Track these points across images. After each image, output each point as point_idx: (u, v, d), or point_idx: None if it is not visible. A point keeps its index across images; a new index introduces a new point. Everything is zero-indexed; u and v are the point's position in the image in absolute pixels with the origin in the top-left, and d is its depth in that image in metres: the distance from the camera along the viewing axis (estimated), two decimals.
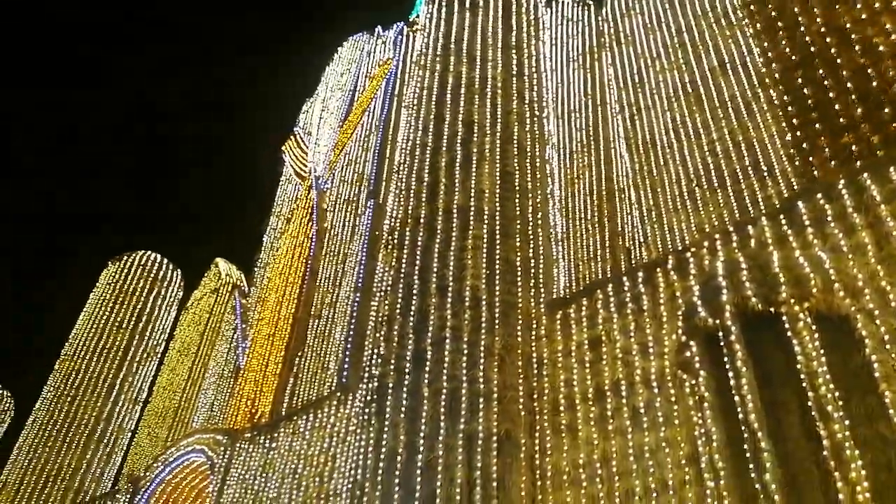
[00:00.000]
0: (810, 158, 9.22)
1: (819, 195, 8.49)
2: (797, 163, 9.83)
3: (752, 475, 6.56)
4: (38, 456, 21.58)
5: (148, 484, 18.01)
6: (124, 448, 24.07)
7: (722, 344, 7.41)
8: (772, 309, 7.33)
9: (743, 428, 6.84)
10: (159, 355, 26.52)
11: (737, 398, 6.95)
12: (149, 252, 27.65)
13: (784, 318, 7.10)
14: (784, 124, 10.08)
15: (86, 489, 21.24)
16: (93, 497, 20.50)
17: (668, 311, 9.25)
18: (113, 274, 26.63)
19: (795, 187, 11.20)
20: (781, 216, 8.64)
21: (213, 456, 16.50)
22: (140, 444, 26.30)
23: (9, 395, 29.29)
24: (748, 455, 6.69)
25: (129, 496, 18.31)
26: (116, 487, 20.56)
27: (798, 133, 9.52)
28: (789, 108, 9.51)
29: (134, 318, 25.42)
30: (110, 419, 23.11)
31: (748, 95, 13.44)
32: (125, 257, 27.18)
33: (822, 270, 7.43)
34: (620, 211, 15.75)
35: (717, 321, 7.55)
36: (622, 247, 15.02)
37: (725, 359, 7.29)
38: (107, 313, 25.28)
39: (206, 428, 18.84)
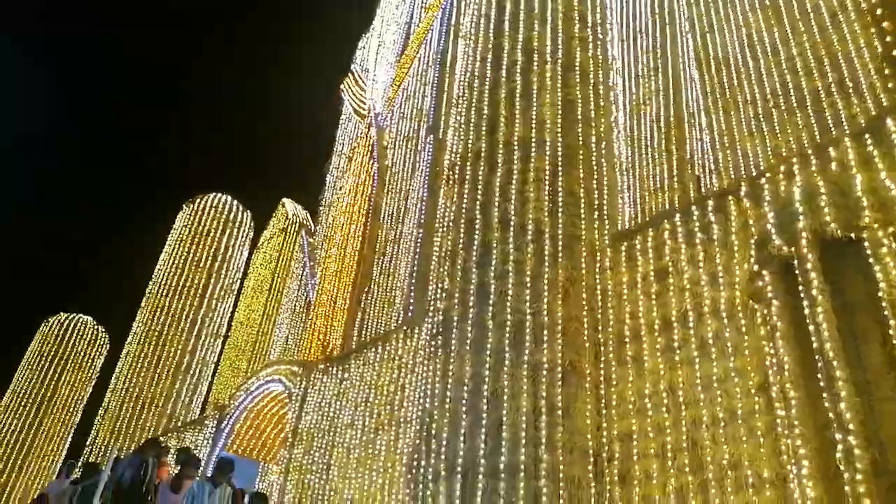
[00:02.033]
0: None
1: None
2: (887, 75, 9.05)
3: (827, 404, 6.42)
4: (134, 385, 23.43)
5: (232, 411, 19.32)
6: (208, 379, 25.77)
7: (797, 272, 7.13)
8: (852, 235, 6.96)
9: (817, 357, 6.65)
10: (235, 293, 27.88)
11: (812, 327, 6.73)
12: (219, 194, 28.67)
13: (865, 244, 6.74)
14: (873, 32, 9.25)
15: (177, 415, 23.02)
16: (184, 422, 22.19)
17: (739, 240, 8.93)
18: (188, 216, 27.86)
19: (884, 104, 10.38)
20: (867, 135, 8.06)
21: (290, 385, 17.47)
22: (222, 375, 28.07)
23: (103, 331, 31.63)
24: (822, 384, 6.53)
25: (215, 421, 19.73)
26: (204, 414, 22.16)
27: (888, 40, 8.72)
28: (878, 12, 8.68)
29: (210, 258, 26.68)
30: (195, 352, 24.70)
31: (833, 3, 12.34)
32: (198, 199, 28.31)
33: None
34: (690, 137, 15.05)
35: (793, 249, 7.25)
36: (691, 175, 14.43)
37: (800, 287, 7.03)
38: (185, 253, 26.63)
39: (282, 360, 19.89)
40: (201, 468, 10.58)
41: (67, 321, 30.66)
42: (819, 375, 6.64)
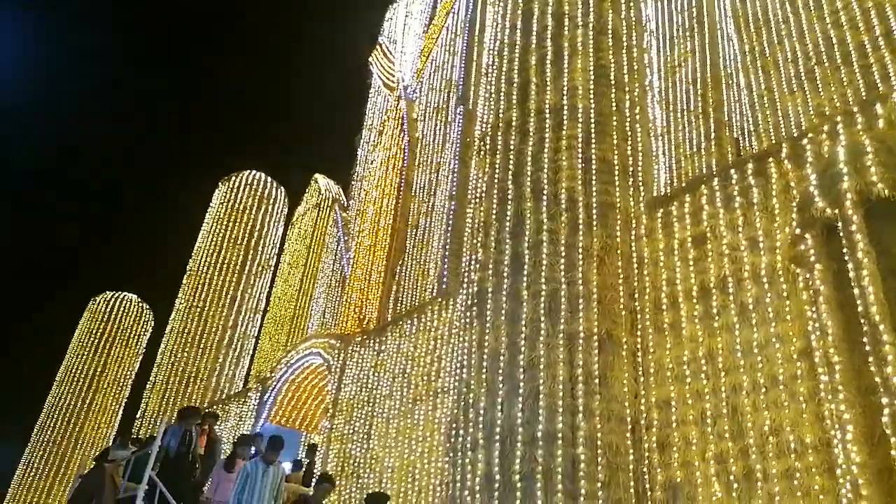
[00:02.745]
0: None
1: None
2: None
3: (872, 369, 6.29)
4: (178, 360, 24.20)
5: (274, 383, 19.84)
6: (250, 353, 26.44)
7: (841, 235, 6.94)
8: None
9: (862, 321, 6.50)
10: (272, 268, 28.40)
11: (856, 290, 6.57)
12: (254, 172, 29.05)
13: None
14: None
15: (221, 388, 23.74)
16: (228, 395, 22.88)
17: (780, 203, 8.70)
18: (224, 193, 28.33)
19: None
20: None
21: (328, 358, 17.83)
22: (263, 350, 28.73)
23: (148, 307, 32.63)
24: (867, 349, 6.39)
25: (258, 394, 20.29)
26: (248, 387, 22.78)
27: None
28: None
29: (247, 234, 27.17)
30: (236, 327, 25.34)
31: None
32: (234, 177, 28.74)
33: None
34: (727, 98, 14.61)
35: (837, 211, 7.05)
36: (729, 138, 14.04)
37: (845, 250, 6.84)
38: (223, 230, 27.17)
39: (320, 333, 20.26)
40: (253, 447, 10.55)
41: (113, 299, 31.69)
42: (864, 340, 6.50)
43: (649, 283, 10.16)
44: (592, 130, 11.63)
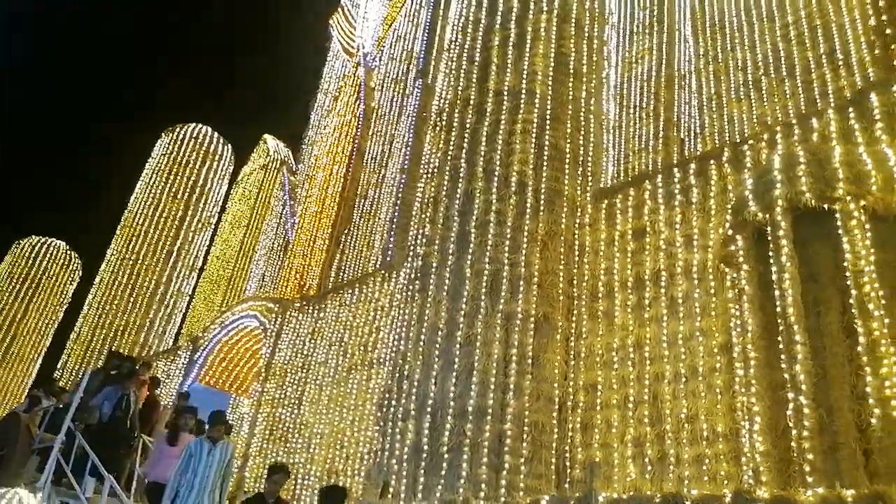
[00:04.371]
0: (893, 47, 8.56)
1: (895, 87, 7.98)
2: (877, 52, 9.15)
3: (783, 366, 6.74)
4: (107, 313, 23.41)
5: (206, 343, 19.48)
6: (182, 311, 25.80)
7: (769, 239, 7.35)
8: (825, 206, 7.16)
9: (780, 321, 6.93)
10: (212, 226, 27.67)
11: (777, 292, 6.99)
12: (200, 125, 28.08)
13: (837, 215, 6.95)
14: (868, 4, 9.26)
15: (150, 344, 23.14)
16: (157, 352, 22.33)
17: (717, 204, 9.12)
18: (167, 145, 27.32)
19: (871, 78, 10.50)
20: (850, 109, 8.20)
21: (265, 321, 17.63)
22: (196, 308, 28.11)
23: (76, 256, 31.30)
24: (781, 347, 6.83)
25: (189, 353, 19.90)
26: (178, 345, 22.29)
27: (883, 17, 8.78)
28: None
29: (188, 189, 26.34)
30: (169, 283, 24.66)
31: None
32: (178, 129, 27.71)
33: (885, 168, 7.14)
34: (678, 99, 15.06)
35: (767, 216, 7.44)
36: (676, 138, 14.52)
37: (770, 254, 7.26)
38: (162, 183, 26.24)
39: (258, 296, 19.97)
40: (195, 418, 9.54)
41: (39, 244, 30.25)
42: (779, 339, 6.94)
43: (588, 271, 10.48)
44: (548, 116, 11.81)
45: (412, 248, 12.09)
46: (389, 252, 16.75)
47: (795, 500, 5.08)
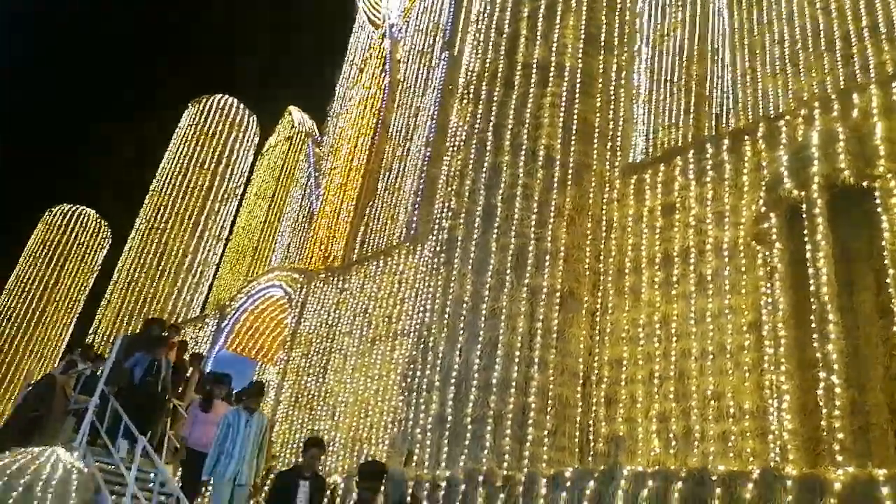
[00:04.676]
0: None
1: None
2: None
3: (815, 345, 6.68)
4: (136, 280, 23.88)
5: (233, 312, 19.82)
6: (209, 280, 26.22)
7: (804, 217, 7.23)
8: (864, 183, 7.01)
9: (812, 300, 6.85)
10: (238, 197, 27.93)
11: (811, 270, 6.90)
12: (226, 96, 28.18)
13: (876, 193, 6.80)
14: None
15: (178, 312, 23.60)
16: (185, 319, 22.77)
17: (750, 181, 8.96)
18: (194, 115, 27.48)
19: None
20: (893, 84, 7.96)
21: (290, 291, 17.86)
22: (222, 278, 28.52)
23: (106, 224, 31.87)
24: (813, 326, 6.76)
25: (216, 321, 20.27)
26: (205, 313, 22.70)
27: None
28: None
29: (214, 160, 26.54)
30: (196, 252, 25.01)
31: None
32: (204, 100, 27.86)
33: None
34: (711, 74, 14.74)
35: (803, 193, 7.31)
36: (708, 113, 14.24)
37: (805, 232, 7.14)
38: (189, 153, 26.47)
39: (283, 266, 20.20)
40: (229, 386, 9.80)
41: (70, 212, 30.85)
42: (811, 318, 6.86)
43: (615, 247, 10.42)
44: (577, 90, 11.65)
45: (437, 221, 12.09)
46: (413, 225, 16.79)
47: (825, 479, 5.07)
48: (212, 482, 7.67)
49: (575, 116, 11.44)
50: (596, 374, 9.71)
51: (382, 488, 5.80)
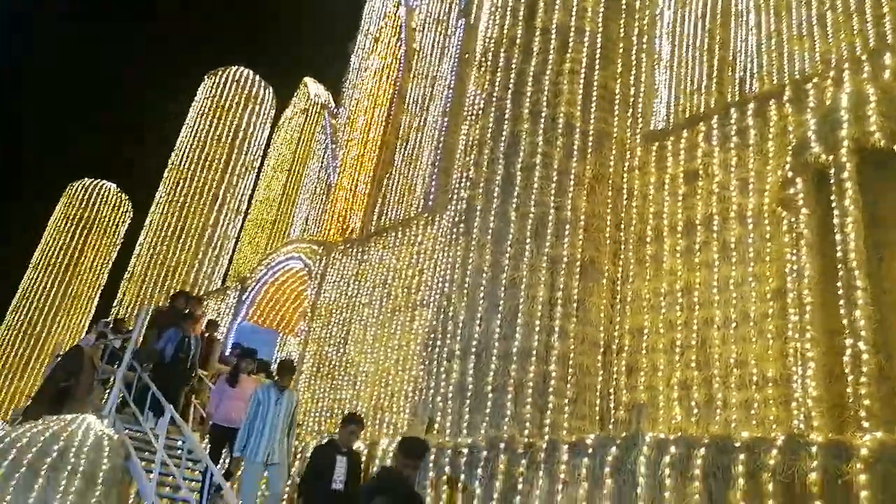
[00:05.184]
0: None
1: None
2: None
3: (842, 311, 6.59)
4: (158, 253, 24.18)
5: (253, 284, 20.03)
6: (229, 252, 26.47)
7: (832, 182, 7.07)
8: (895, 146, 6.83)
9: (839, 266, 6.75)
10: (256, 170, 28.01)
11: (839, 236, 6.77)
12: (242, 68, 28.08)
13: None
14: None
15: (200, 284, 23.91)
16: (207, 291, 23.07)
17: (776, 146, 8.77)
18: (210, 88, 27.45)
19: None
20: None
21: (310, 263, 17.98)
22: (242, 251, 28.78)
23: (126, 198, 32.21)
24: (840, 292, 6.67)
25: (237, 293, 20.51)
26: (226, 285, 22.97)
27: None
28: None
29: (231, 133, 26.56)
30: (216, 225, 25.22)
31: None
32: (219, 72, 27.78)
33: None
34: (735, 37, 14.32)
35: (831, 158, 7.15)
36: (731, 78, 13.88)
37: (833, 197, 7.00)
38: (206, 126, 26.50)
39: (302, 238, 20.31)
40: (256, 362, 9.90)
41: (91, 186, 31.19)
42: (838, 284, 6.76)
43: (636, 215, 10.31)
44: (597, 55, 11.43)
45: (455, 191, 12.03)
46: (432, 196, 16.74)
47: (851, 445, 5.04)
48: (243, 462, 7.58)
49: (595, 83, 11.25)
50: (617, 342, 9.70)
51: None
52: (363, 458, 7.60)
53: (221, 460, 9.05)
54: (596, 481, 6.13)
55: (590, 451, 6.37)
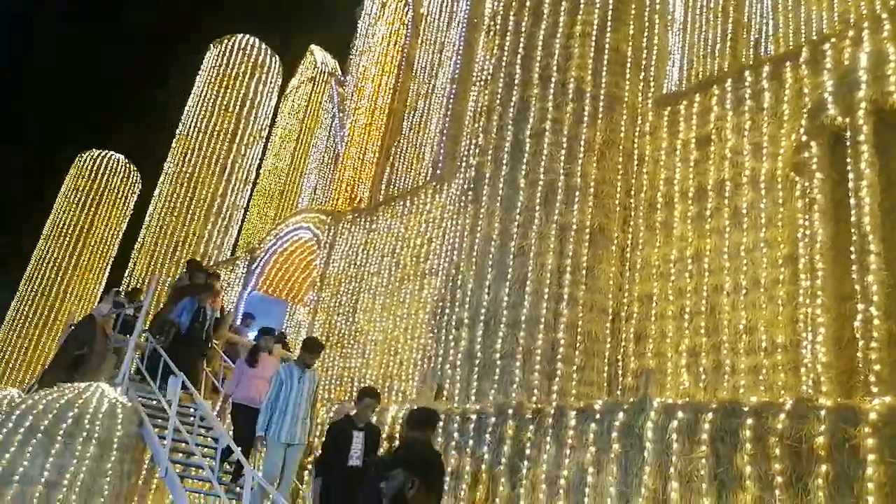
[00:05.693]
0: None
1: None
2: None
3: (854, 276, 6.50)
4: (167, 224, 24.24)
5: (262, 254, 20.09)
6: (238, 223, 26.52)
7: (848, 144, 6.92)
8: None
9: (853, 231, 6.64)
10: (264, 140, 27.86)
11: (853, 200, 6.65)
12: (247, 36, 27.74)
13: None
14: None
15: (209, 255, 24.01)
16: (216, 262, 23.19)
17: (791, 109, 8.58)
18: (216, 57, 27.16)
19: None
20: None
21: (318, 233, 17.98)
22: (251, 221, 28.82)
23: (135, 169, 32.24)
24: (853, 257, 6.57)
25: (247, 263, 20.60)
26: (236, 255, 23.07)
27: None
28: None
29: (238, 102, 26.35)
30: (225, 196, 25.19)
31: None
32: (225, 40, 27.46)
33: None
34: None
35: (847, 119, 6.98)
36: (746, 40, 13.57)
37: (849, 160, 6.85)
38: (213, 96, 26.28)
39: (311, 208, 20.29)
40: (275, 338, 9.62)
41: (100, 157, 31.20)
42: (851, 249, 6.67)
43: (647, 181, 10.18)
44: (609, 18, 11.16)
45: (464, 158, 11.91)
46: (440, 164, 16.61)
47: (860, 409, 5.01)
48: (265, 442, 7.40)
49: (607, 46, 11.01)
50: (626, 309, 9.67)
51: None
52: (382, 433, 7.36)
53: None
54: (603, 446, 6.16)
55: (597, 416, 6.39)
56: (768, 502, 5.06)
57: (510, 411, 7.14)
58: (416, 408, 5.56)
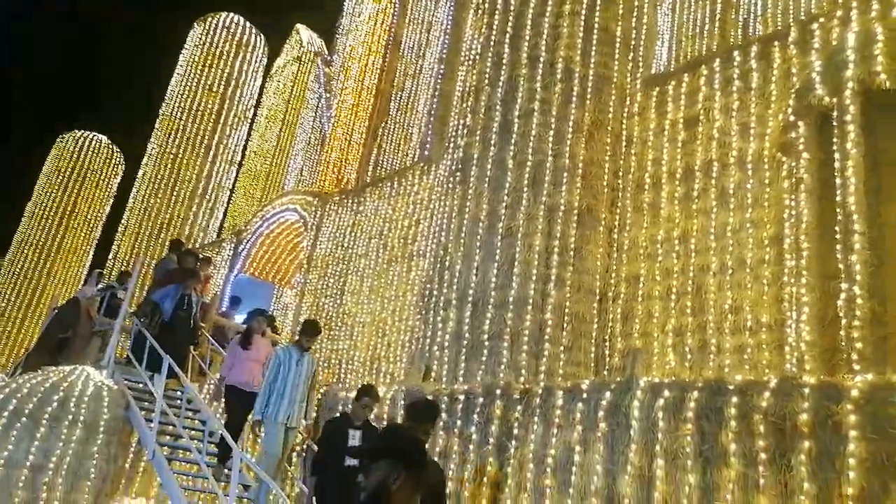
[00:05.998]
0: None
1: None
2: None
3: (838, 256, 6.56)
4: (151, 206, 23.95)
5: (249, 236, 19.93)
6: (224, 204, 26.27)
7: (835, 124, 6.94)
8: None
9: (838, 210, 6.68)
10: (249, 120, 27.51)
11: (839, 180, 6.69)
12: (232, 14, 27.26)
13: None
14: None
15: (195, 237, 23.79)
16: (202, 244, 22.99)
17: (779, 89, 8.58)
18: (199, 35, 26.69)
19: None
20: None
21: (305, 215, 17.85)
22: (236, 203, 28.53)
23: (118, 150, 31.75)
24: (838, 237, 6.62)
25: (233, 245, 20.44)
26: (221, 237, 22.87)
27: None
28: None
29: (223, 82, 25.96)
30: (210, 177, 24.91)
31: None
32: (209, 18, 26.98)
33: None
34: None
35: (834, 100, 6.99)
36: (735, 21, 13.53)
37: (835, 140, 6.88)
38: (197, 75, 25.85)
39: (297, 190, 20.12)
40: (266, 320, 9.44)
41: (82, 139, 30.69)
42: (836, 229, 6.71)
43: (635, 162, 10.19)
44: None
45: (452, 139, 11.84)
46: (428, 144, 16.50)
47: (843, 386, 5.07)
48: (263, 424, 7.34)
49: (596, 25, 10.94)
50: (613, 290, 9.71)
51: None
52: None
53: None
54: (590, 425, 6.21)
55: (584, 396, 6.43)
56: (752, 479, 5.14)
57: (498, 392, 7.17)
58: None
